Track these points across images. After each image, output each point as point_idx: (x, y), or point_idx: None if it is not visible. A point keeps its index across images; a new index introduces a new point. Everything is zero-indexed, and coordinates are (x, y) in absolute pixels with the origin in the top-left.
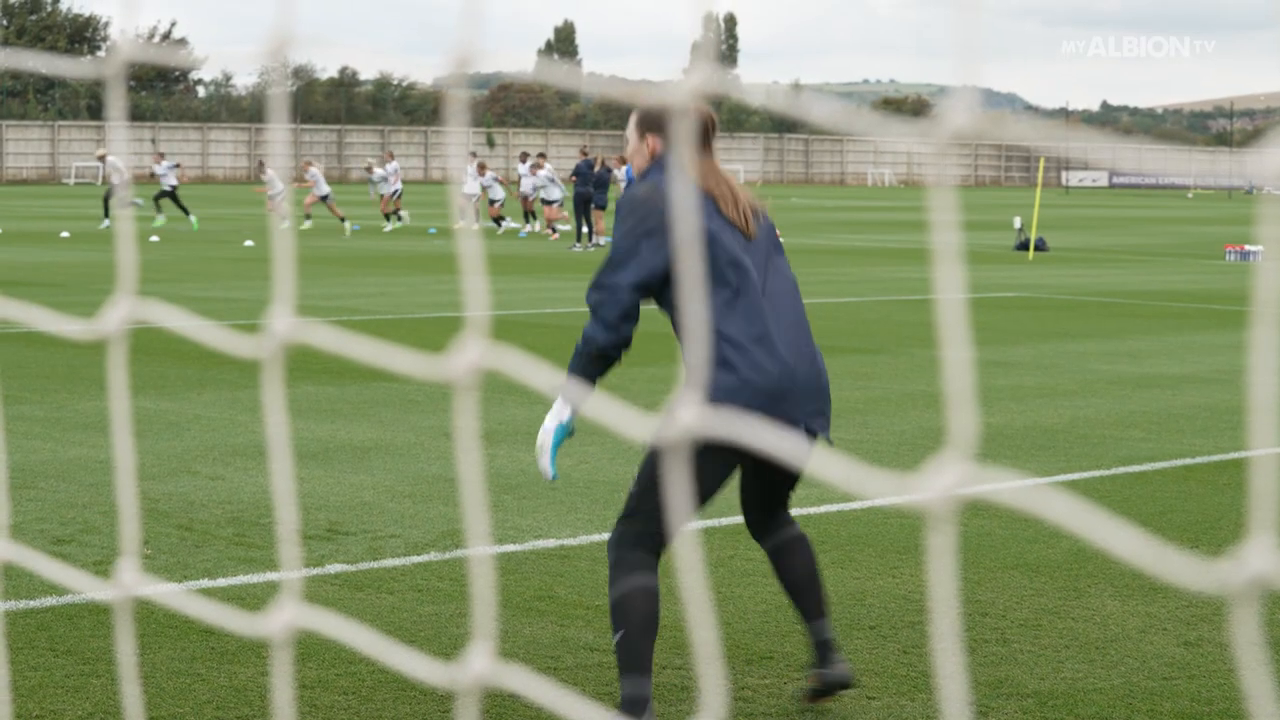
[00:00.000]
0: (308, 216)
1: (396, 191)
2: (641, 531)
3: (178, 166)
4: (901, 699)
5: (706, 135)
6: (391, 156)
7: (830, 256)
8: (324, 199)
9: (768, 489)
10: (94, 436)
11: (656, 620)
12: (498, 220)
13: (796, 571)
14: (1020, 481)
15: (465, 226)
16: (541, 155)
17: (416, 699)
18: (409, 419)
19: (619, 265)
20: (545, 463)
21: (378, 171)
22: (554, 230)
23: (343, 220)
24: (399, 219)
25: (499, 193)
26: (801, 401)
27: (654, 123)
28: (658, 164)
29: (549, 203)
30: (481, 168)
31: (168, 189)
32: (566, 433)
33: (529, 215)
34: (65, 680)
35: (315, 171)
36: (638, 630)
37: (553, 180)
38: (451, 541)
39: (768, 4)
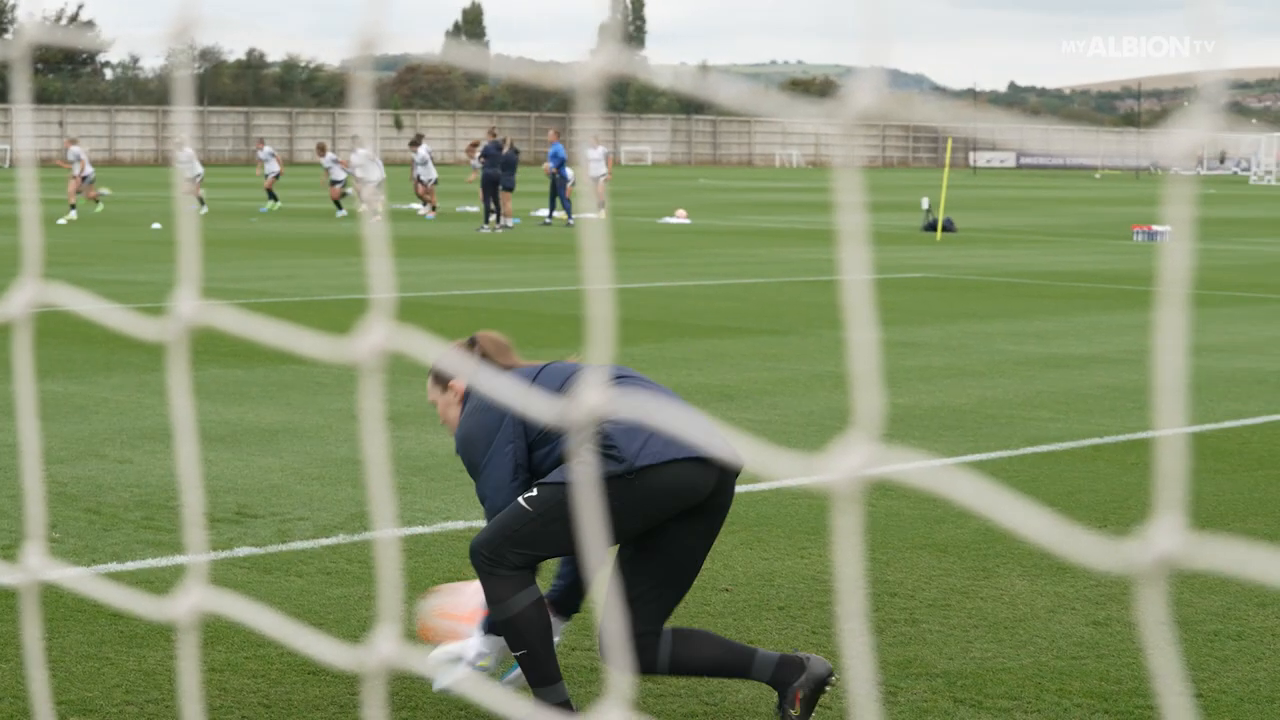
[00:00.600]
0: (72, 206)
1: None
2: (532, 560)
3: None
4: None
5: (505, 350)
6: (329, 148)
7: (738, 238)
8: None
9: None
10: (0, 420)
11: (550, 626)
12: (336, 203)
13: (708, 649)
14: (928, 462)
15: (369, 210)
16: (420, 136)
17: (326, 681)
18: (317, 401)
19: (487, 475)
20: (446, 681)
21: (353, 159)
22: (375, 212)
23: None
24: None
25: (339, 174)
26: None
27: (444, 372)
28: (468, 395)
29: (367, 183)
30: (320, 149)
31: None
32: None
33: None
34: None
35: (78, 150)
36: (539, 643)
37: (373, 161)
38: (360, 524)
39: None
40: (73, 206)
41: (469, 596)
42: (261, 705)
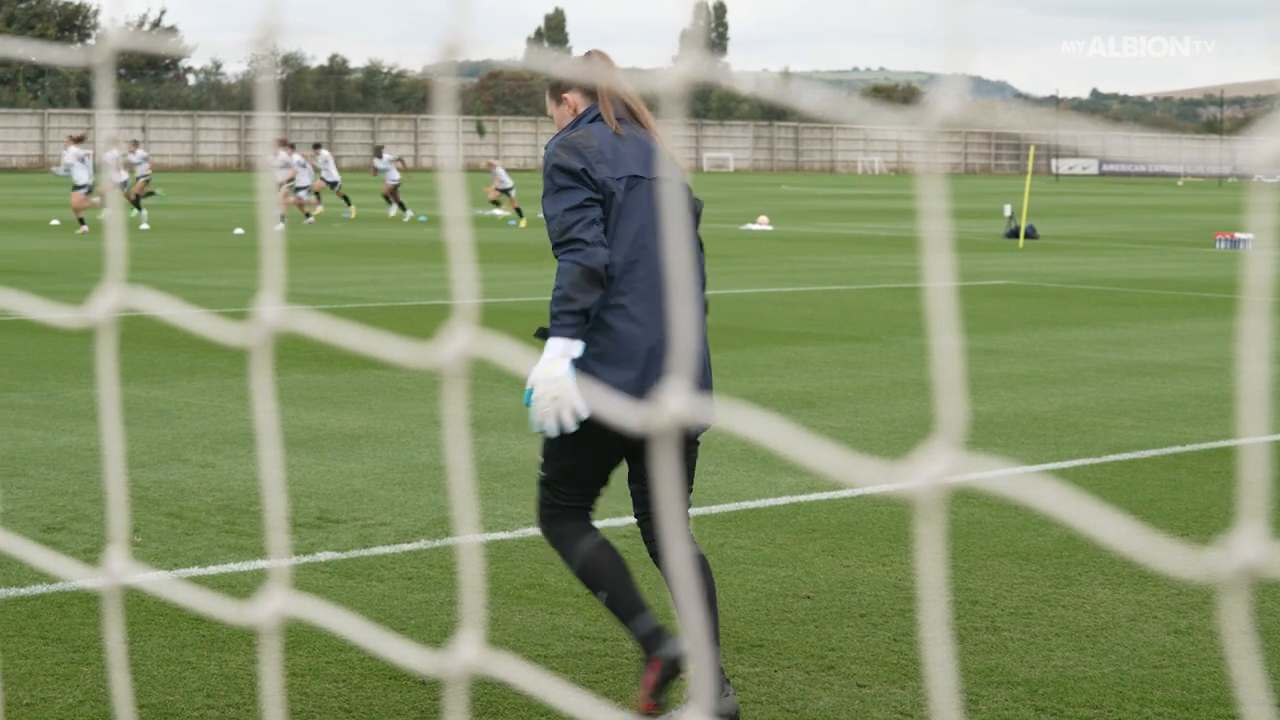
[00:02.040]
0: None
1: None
2: (566, 504)
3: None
4: (892, 687)
5: (610, 67)
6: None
7: (820, 244)
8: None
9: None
10: (84, 424)
11: (624, 562)
12: (387, 198)
13: (615, 572)
14: (1010, 469)
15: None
16: (317, 145)
17: (406, 687)
18: (399, 406)
19: (563, 199)
20: (577, 402)
21: (385, 159)
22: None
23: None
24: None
25: (305, 179)
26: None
27: (562, 83)
28: (583, 116)
29: (299, 189)
30: (289, 147)
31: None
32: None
33: (388, 200)
34: (55, 668)
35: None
36: (616, 583)
37: (304, 166)
38: (441, 529)
39: None
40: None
41: None
42: (343, 710)
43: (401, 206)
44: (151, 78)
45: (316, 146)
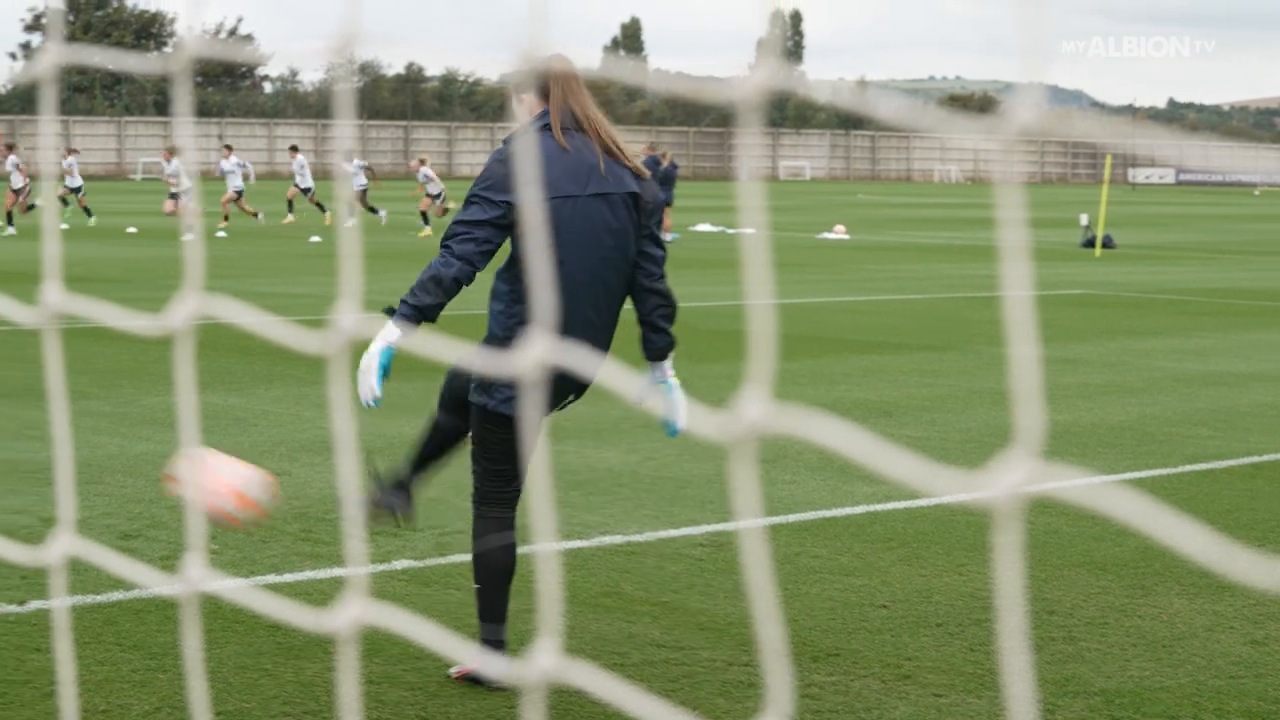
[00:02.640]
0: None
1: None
2: (492, 476)
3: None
4: (968, 696)
5: (572, 86)
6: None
7: (897, 253)
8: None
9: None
10: (161, 431)
11: (511, 570)
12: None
13: (493, 565)
14: (1087, 479)
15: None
16: (294, 148)
17: (482, 695)
18: None
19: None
20: (373, 381)
21: (423, 171)
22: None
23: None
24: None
25: (436, 188)
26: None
27: (522, 84)
28: (539, 118)
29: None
30: (421, 161)
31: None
32: (391, 356)
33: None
34: (132, 675)
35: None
36: (493, 583)
37: (242, 167)
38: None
39: (834, 0)
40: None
41: (224, 473)
42: (419, 718)
43: (373, 210)
44: (228, 85)
45: (294, 149)
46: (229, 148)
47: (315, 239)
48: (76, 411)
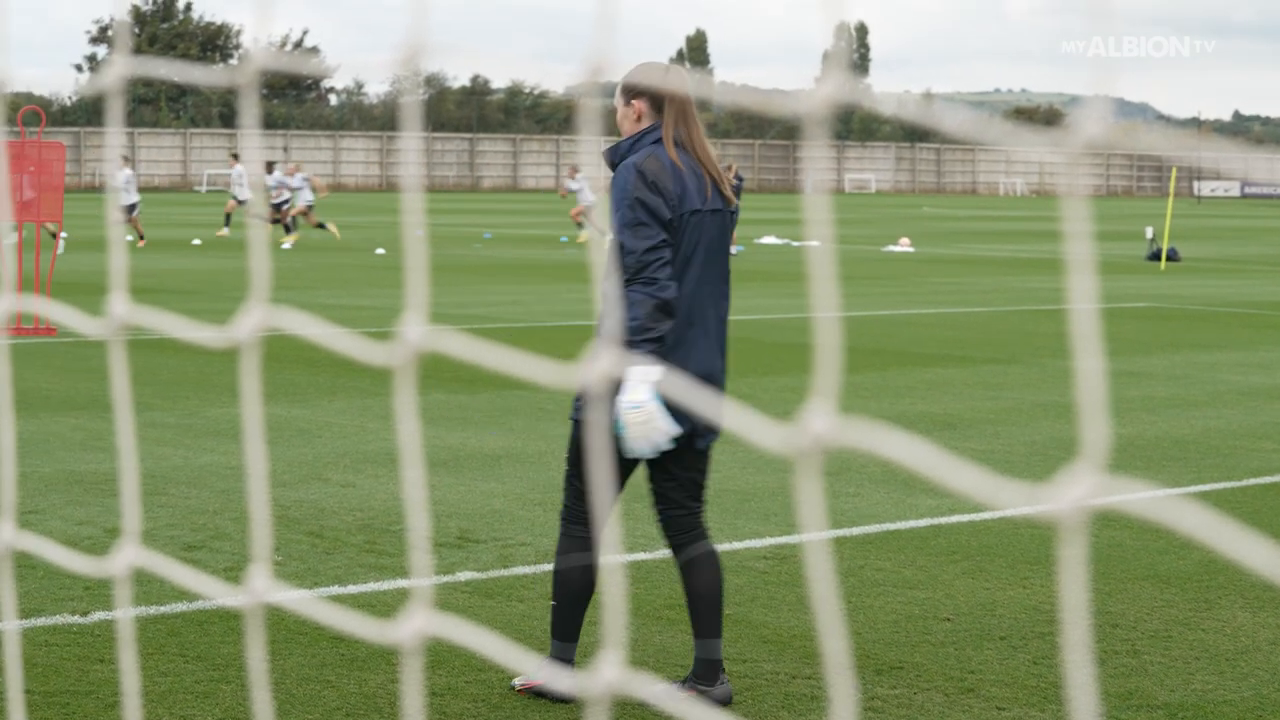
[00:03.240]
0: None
1: (308, 203)
2: (574, 506)
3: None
4: (1031, 710)
5: (685, 114)
6: (298, 168)
7: (962, 266)
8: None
9: (671, 480)
10: (225, 443)
11: (591, 593)
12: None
13: (702, 589)
14: (1151, 492)
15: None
16: (235, 155)
17: (546, 707)
18: (540, 427)
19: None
20: (663, 424)
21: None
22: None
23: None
24: (288, 230)
25: (309, 196)
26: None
27: (638, 88)
28: (650, 131)
29: (240, 202)
30: (268, 166)
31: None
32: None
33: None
34: (195, 686)
35: (292, 178)
36: (570, 603)
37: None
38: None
39: (899, 12)
40: (287, 228)
41: None
42: None
43: (288, 229)
44: (294, 98)
45: (234, 158)
46: (294, 165)
47: (380, 251)
48: (141, 423)
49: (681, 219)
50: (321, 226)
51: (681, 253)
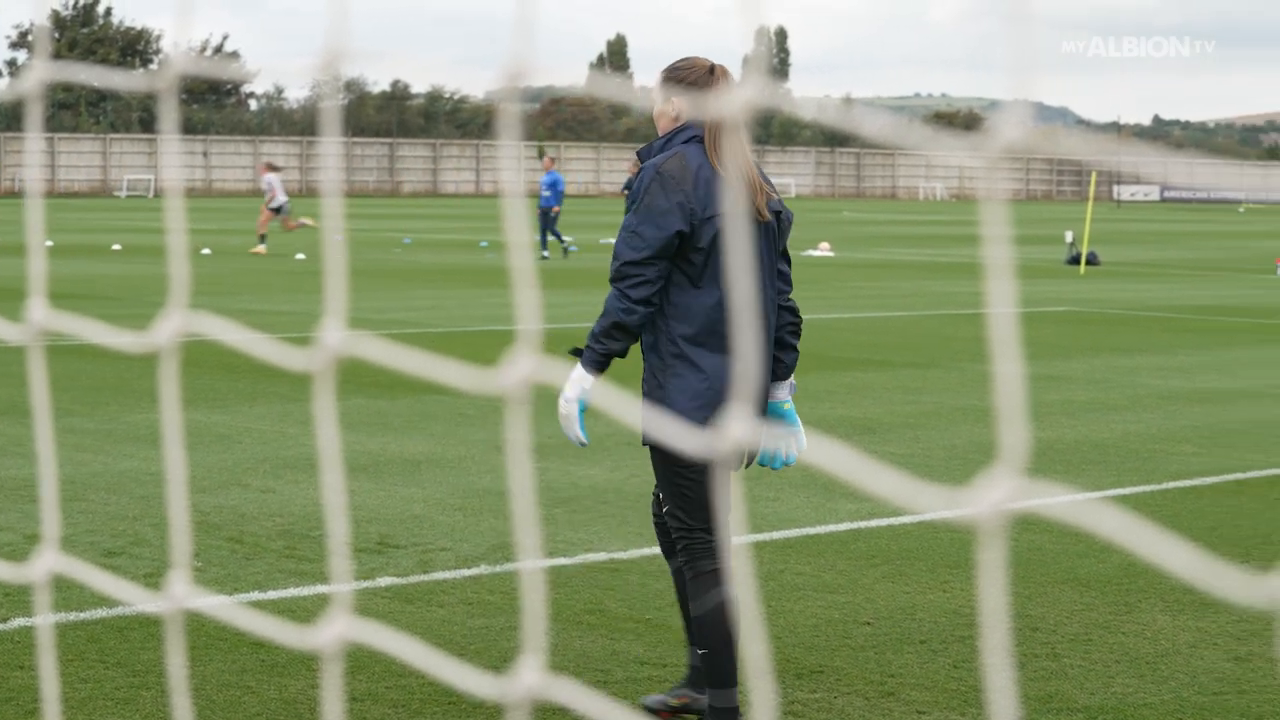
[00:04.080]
0: (262, 238)
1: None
2: (701, 543)
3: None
4: (951, 713)
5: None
6: (271, 168)
7: (881, 270)
8: (277, 211)
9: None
10: (145, 449)
11: (738, 628)
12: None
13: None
14: (1071, 496)
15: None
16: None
17: (466, 712)
18: (460, 432)
19: (641, 243)
20: (577, 430)
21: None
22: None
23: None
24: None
25: (282, 198)
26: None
27: (680, 82)
28: (682, 130)
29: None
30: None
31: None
32: (587, 404)
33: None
34: (115, 692)
35: (272, 178)
36: (721, 646)
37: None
38: (502, 555)
39: (820, 17)
40: (262, 238)
41: None
42: None
43: (262, 238)
44: (214, 103)
45: (270, 166)
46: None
47: (300, 256)
48: (61, 428)
49: (703, 223)
50: (297, 227)
51: (708, 259)
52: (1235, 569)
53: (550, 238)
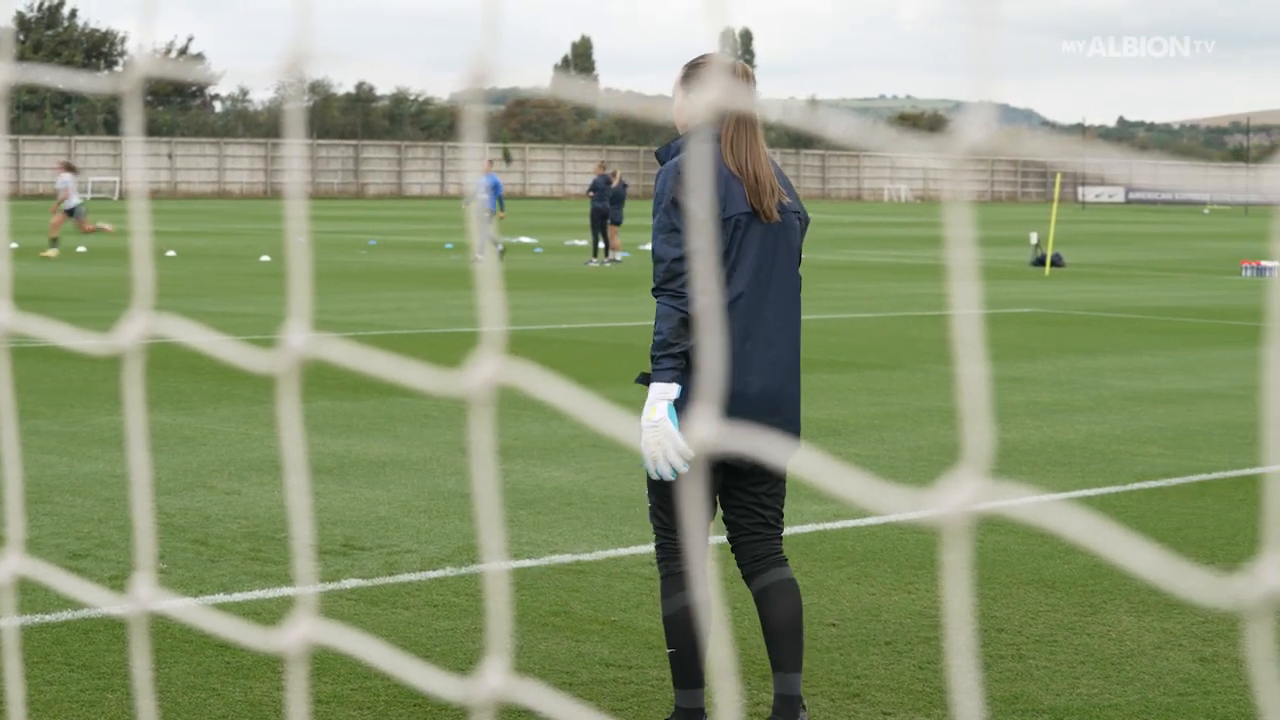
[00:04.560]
0: (53, 241)
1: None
2: (667, 543)
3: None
4: (917, 715)
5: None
6: (68, 168)
7: (846, 272)
8: (71, 213)
9: (742, 508)
10: (110, 451)
11: (705, 631)
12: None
13: (778, 619)
14: (1036, 497)
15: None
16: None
17: (431, 714)
18: (425, 434)
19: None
20: (681, 443)
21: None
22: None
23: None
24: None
25: (75, 200)
26: (766, 415)
27: (697, 75)
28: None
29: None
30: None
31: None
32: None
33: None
34: (80, 695)
35: (67, 179)
36: (687, 648)
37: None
38: (467, 557)
39: (785, 19)
40: (54, 241)
41: None
42: None
43: (53, 242)
44: (178, 104)
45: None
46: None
47: (265, 258)
48: (25, 431)
49: (725, 223)
50: (94, 231)
51: (730, 260)
52: (1200, 570)
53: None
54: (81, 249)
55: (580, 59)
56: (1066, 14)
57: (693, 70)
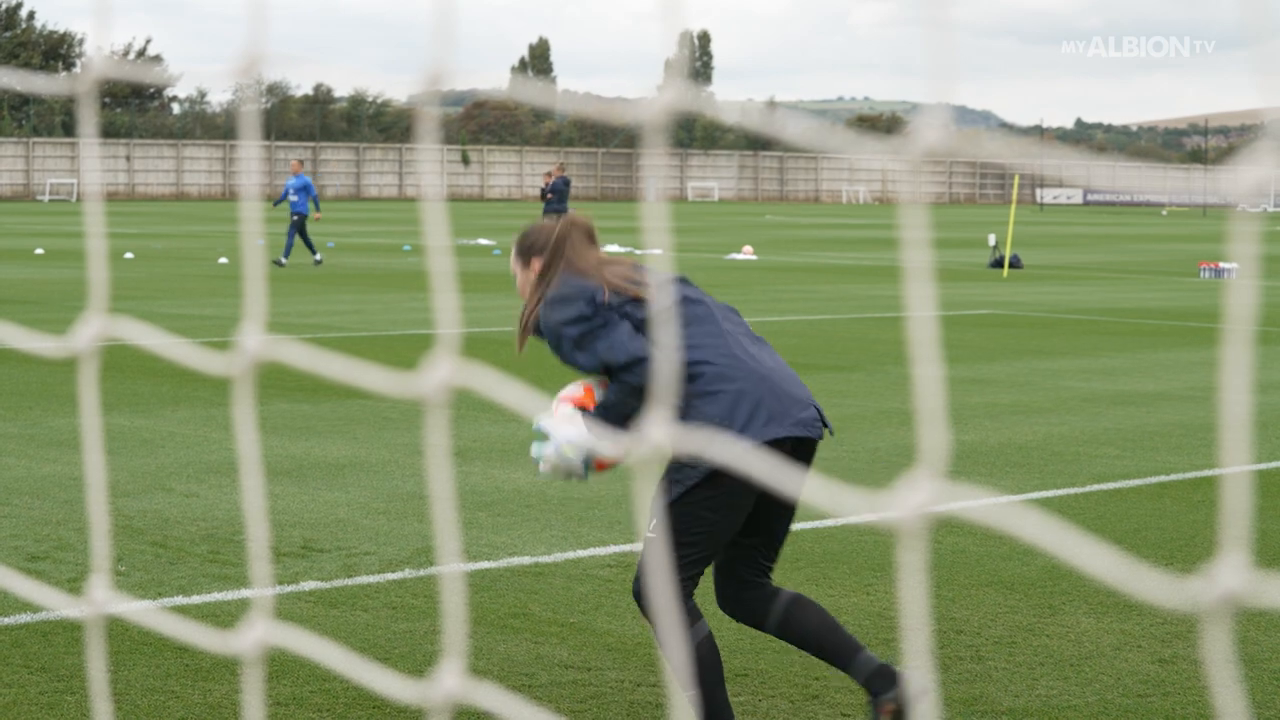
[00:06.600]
0: None
1: None
2: (684, 583)
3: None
4: None
5: (590, 237)
6: None
7: (804, 274)
8: None
9: (767, 537)
10: (67, 454)
11: (721, 660)
12: None
13: (814, 625)
14: (994, 499)
15: None
16: None
17: (390, 716)
18: (383, 436)
19: (606, 335)
20: (579, 468)
21: None
22: None
23: None
24: None
25: None
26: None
27: (531, 246)
28: (539, 277)
29: None
30: None
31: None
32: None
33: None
34: (39, 698)
35: None
36: (712, 684)
37: None
38: (425, 559)
39: (742, 21)
40: None
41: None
42: None
43: None
44: (136, 106)
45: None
46: None
47: (223, 260)
48: None
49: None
50: None
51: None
52: (1158, 571)
53: (299, 242)
54: (39, 251)
55: (538, 61)
56: (1023, 16)
57: (522, 241)
